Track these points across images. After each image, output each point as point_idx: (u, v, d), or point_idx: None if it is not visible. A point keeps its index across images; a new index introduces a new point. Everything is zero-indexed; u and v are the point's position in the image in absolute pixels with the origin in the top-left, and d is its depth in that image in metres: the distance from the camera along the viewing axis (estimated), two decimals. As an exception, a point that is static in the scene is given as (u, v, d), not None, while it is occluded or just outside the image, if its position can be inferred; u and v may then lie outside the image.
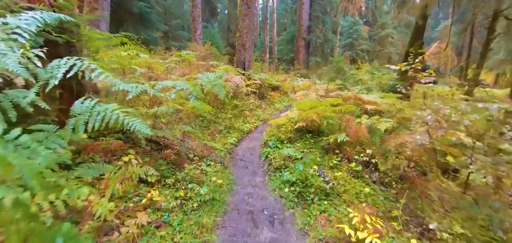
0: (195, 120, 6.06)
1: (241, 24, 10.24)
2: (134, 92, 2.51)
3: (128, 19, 15.35)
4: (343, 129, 4.29)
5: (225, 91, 6.47)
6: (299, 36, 21.43)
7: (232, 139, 5.49)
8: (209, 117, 6.27)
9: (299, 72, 18.26)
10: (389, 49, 27.94)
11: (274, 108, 9.93)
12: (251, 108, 7.97)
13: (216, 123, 6.22)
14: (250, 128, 6.71)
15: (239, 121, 6.82)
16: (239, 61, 10.27)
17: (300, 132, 4.95)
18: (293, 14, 24.88)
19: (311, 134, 4.87)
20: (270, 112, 9.16)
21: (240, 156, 4.87)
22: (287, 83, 13.84)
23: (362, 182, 3.41)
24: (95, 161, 2.67)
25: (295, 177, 3.38)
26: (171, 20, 19.46)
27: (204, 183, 3.27)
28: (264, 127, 7.26)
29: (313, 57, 21.40)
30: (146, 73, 5.23)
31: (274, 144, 4.83)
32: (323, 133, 4.81)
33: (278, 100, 11.06)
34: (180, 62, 8.17)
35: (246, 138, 6.12)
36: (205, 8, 24.46)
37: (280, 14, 33.20)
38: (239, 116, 7.14)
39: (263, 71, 13.15)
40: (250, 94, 9.03)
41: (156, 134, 3.37)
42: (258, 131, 6.86)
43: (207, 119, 6.17)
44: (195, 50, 12.59)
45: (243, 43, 10.21)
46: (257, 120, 7.59)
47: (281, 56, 25.14)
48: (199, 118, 6.27)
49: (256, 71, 11.39)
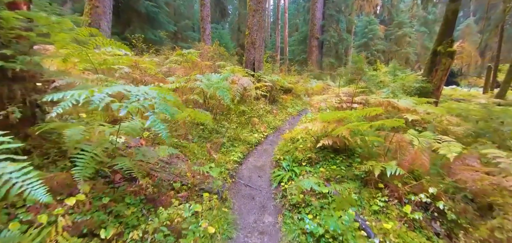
0: (194, 129, 5.01)
1: (250, 21, 9.14)
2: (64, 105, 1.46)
3: (135, 19, 14.59)
4: (391, 154, 3.08)
5: (230, 95, 5.40)
6: (312, 36, 20.10)
7: (236, 155, 4.38)
8: (211, 126, 5.20)
9: (312, 73, 16.96)
10: (407, 49, 26.10)
11: (287, 113, 8.76)
12: (260, 114, 6.84)
13: (219, 133, 5.14)
14: (259, 138, 5.58)
15: (246, 130, 5.71)
16: (248, 61, 9.17)
17: (323, 150, 3.77)
18: (306, 13, 23.55)
19: (338, 154, 3.68)
20: (282, 117, 8.00)
21: (245, 180, 3.75)
22: (300, 85, 12.63)
23: (422, 237, 2.22)
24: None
25: (323, 227, 2.22)
26: (180, 20, 18.64)
27: (187, 234, 2.18)
28: (275, 137, 6.12)
29: (327, 57, 20.01)
30: (132, 74, 4.22)
31: (289, 166, 3.68)
32: (354, 153, 3.62)
33: (290, 104, 9.87)
34: (183, 62, 7.16)
35: (253, 152, 4.99)
36: (215, 9, 23.57)
37: (292, 15, 31.91)
38: (247, 123, 6.03)
39: (275, 72, 11.99)
40: (259, 98, 7.91)
41: (111, 164, 2.29)
42: (268, 142, 5.73)
43: (208, 129, 5.10)
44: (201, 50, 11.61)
45: (253, 41, 9.10)
46: (268, 128, 6.46)
47: (293, 57, 23.86)
48: (200, 127, 5.21)
49: (267, 72, 10.27)
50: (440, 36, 12.21)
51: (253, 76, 8.44)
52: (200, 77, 4.75)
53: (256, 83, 7.62)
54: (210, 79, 5.41)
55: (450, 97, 15.81)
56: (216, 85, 5.07)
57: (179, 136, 4.49)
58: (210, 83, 5.11)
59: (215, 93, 4.98)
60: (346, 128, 3.06)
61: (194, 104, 6.29)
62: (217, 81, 5.26)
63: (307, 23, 22.18)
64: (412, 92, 10.14)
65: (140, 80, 3.83)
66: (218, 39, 16.40)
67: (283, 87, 9.99)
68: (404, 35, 26.15)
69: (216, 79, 5.37)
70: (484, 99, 14.54)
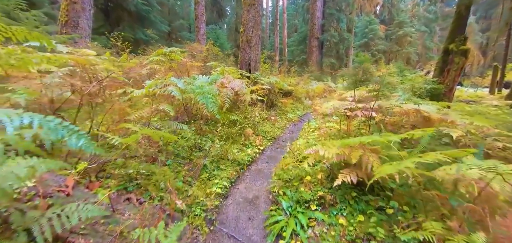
0: (172, 146, 3.84)
1: (245, 16, 7.98)
2: None
3: (125, 18, 13.44)
4: (466, 210, 1.88)
5: (219, 102, 4.24)
6: (312, 36, 18.95)
7: (220, 184, 3.21)
8: (191, 141, 4.03)
9: (312, 74, 15.80)
10: (408, 49, 24.94)
11: (287, 119, 7.60)
12: (256, 122, 5.67)
13: (202, 150, 3.97)
14: (253, 155, 4.42)
15: (237, 145, 4.54)
16: (244, 62, 8.00)
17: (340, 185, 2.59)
18: (305, 12, 22.40)
19: (362, 192, 2.49)
20: (282, 125, 6.84)
21: (229, 226, 2.58)
22: (300, 87, 11.47)
23: None
24: None
25: None
26: (174, 20, 17.49)
27: None
28: (274, 150, 4.96)
29: (327, 58, 18.86)
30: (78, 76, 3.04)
31: (292, 209, 2.51)
32: (384, 187, 2.45)
33: (290, 109, 8.71)
34: (166, 62, 5.99)
35: (245, 175, 3.82)
36: (212, 9, 22.43)
37: (290, 15, 30.75)
38: (238, 135, 4.86)
39: (273, 74, 10.82)
40: (256, 103, 6.75)
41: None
42: (265, 158, 4.56)
43: (188, 146, 3.93)
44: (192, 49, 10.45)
45: (248, 39, 7.94)
46: (264, 139, 5.30)
47: (292, 57, 22.69)
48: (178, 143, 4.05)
49: (264, 74, 9.11)
50: (451, 34, 11.02)
51: (248, 78, 7.27)
52: (175, 81, 3.59)
53: (251, 86, 6.46)
54: (192, 83, 4.25)
55: (458, 98, 14.68)
56: (198, 90, 3.91)
57: (147, 159, 3.33)
58: (191, 88, 3.94)
59: (197, 100, 3.83)
60: (373, 155, 1.90)
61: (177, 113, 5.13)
62: (200, 85, 4.10)
63: (307, 22, 21.03)
64: (422, 94, 8.95)
65: (79, 87, 2.67)
66: (214, 39, 15.24)
67: (282, 90, 8.83)
68: (405, 35, 25.00)
69: (200, 83, 4.21)
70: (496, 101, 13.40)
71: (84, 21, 8.55)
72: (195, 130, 4.70)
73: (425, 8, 27.72)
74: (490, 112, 6.36)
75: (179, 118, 4.95)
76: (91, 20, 8.89)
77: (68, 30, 8.38)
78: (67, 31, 8.34)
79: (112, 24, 13.46)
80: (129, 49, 7.32)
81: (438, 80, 9.55)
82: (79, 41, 8.25)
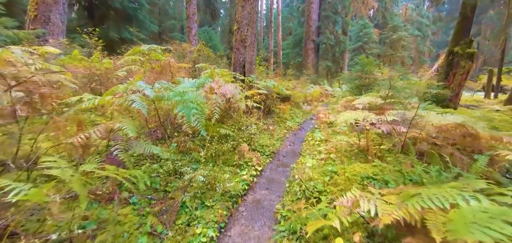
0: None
1: (239, 14, 7.00)
2: None
3: (111, 17, 12.25)
4: None
5: (206, 112, 3.25)
6: (308, 38, 18.11)
7: (202, 237, 2.19)
8: (168, 167, 2.99)
9: (309, 77, 14.93)
10: (402, 53, 24.41)
11: (286, 127, 6.63)
12: (252, 134, 4.67)
13: (182, 176, 2.94)
14: (249, 180, 3.41)
15: (228, 167, 3.53)
16: (237, 63, 7.00)
17: None
18: (300, 15, 21.61)
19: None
20: (281, 134, 5.86)
21: None
22: (298, 91, 10.54)
23: None
24: None
25: None
26: (165, 20, 16.35)
27: None
28: (274, 170, 3.97)
29: (323, 61, 18.06)
30: None
31: None
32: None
33: (289, 115, 7.75)
34: (145, 62, 4.94)
35: (239, 213, 2.80)
36: (205, 10, 21.37)
37: (285, 18, 29.94)
38: (230, 154, 3.85)
39: (269, 77, 9.86)
40: (252, 110, 5.77)
41: None
42: (264, 182, 3.56)
43: (164, 172, 2.89)
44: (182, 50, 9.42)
45: (243, 38, 6.95)
46: (263, 156, 4.31)
47: (288, 60, 21.81)
48: (153, 167, 3.04)
49: (260, 77, 8.14)
50: (456, 36, 10.27)
51: (243, 81, 6.29)
52: (142, 86, 2.56)
53: (246, 91, 5.47)
54: (172, 88, 3.24)
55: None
56: (178, 98, 2.89)
57: (101, 197, 2.30)
58: (168, 95, 2.92)
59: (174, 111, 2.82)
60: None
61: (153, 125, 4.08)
62: (181, 91, 3.08)
63: (302, 25, 20.23)
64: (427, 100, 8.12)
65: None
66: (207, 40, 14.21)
67: (280, 95, 7.87)
68: (399, 38, 24.49)
69: (182, 89, 3.20)
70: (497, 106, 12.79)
71: (56, 16, 7.39)
72: (177, 146, 3.67)
73: (418, 12, 27.39)
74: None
75: (157, 131, 3.91)
76: (65, 16, 7.73)
77: (38, 26, 7.20)
78: (36, 27, 7.17)
79: (96, 23, 12.26)
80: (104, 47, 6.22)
81: (444, 84, 8.79)
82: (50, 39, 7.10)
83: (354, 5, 19.33)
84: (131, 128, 2.17)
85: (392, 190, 1.73)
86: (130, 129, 2.15)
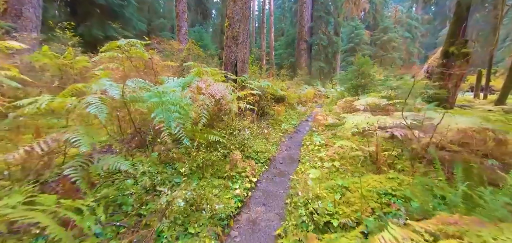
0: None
1: (231, 9, 6.47)
2: None
3: (95, 14, 11.47)
4: None
5: (192, 116, 2.71)
6: (301, 39, 17.74)
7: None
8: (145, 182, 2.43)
9: (302, 78, 14.54)
10: (393, 54, 24.46)
11: (281, 130, 6.13)
12: (245, 139, 4.14)
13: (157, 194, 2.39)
14: (242, 195, 2.88)
15: (218, 180, 3.00)
16: (229, 62, 6.46)
17: None
18: (293, 15, 21.24)
19: None
20: (277, 138, 5.36)
21: None
22: (292, 92, 10.09)
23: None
24: None
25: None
26: (154, 19, 15.60)
27: None
28: (270, 180, 3.46)
29: (316, 61, 17.73)
30: None
31: None
32: None
33: (284, 117, 7.27)
34: (124, 60, 4.33)
35: (231, 239, 2.28)
36: (196, 10, 20.70)
37: (277, 19, 29.55)
38: (221, 163, 3.32)
39: (263, 77, 9.36)
40: (245, 112, 5.25)
41: None
42: (260, 196, 3.04)
43: (139, 190, 2.33)
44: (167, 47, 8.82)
45: (235, 35, 6.42)
46: (258, 164, 3.79)
47: (280, 61, 21.38)
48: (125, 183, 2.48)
49: (253, 77, 7.62)
50: (451, 36, 9.99)
51: (235, 81, 5.76)
52: (106, 85, 2.01)
53: (239, 91, 4.94)
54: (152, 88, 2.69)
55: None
56: (155, 100, 2.34)
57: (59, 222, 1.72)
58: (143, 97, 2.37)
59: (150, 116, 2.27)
60: None
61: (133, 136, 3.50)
62: (162, 91, 2.53)
63: (294, 25, 19.86)
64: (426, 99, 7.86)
65: None
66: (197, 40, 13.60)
67: (274, 95, 7.37)
68: (390, 40, 24.54)
69: (162, 89, 2.65)
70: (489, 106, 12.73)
71: (29, 10, 6.65)
72: (159, 156, 3.11)
73: (407, 14, 27.57)
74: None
75: (136, 139, 3.33)
76: (40, 9, 6.98)
77: (8, 20, 6.45)
78: (7, 21, 6.42)
79: (80, 20, 11.45)
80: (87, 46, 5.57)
81: (439, 85, 8.53)
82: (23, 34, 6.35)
83: (346, 6, 19.11)
84: (85, 140, 1.61)
85: (430, 222, 1.25)
86: (83, 142, 1.58)
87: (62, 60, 4.83)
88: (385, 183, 2.35)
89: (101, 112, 1.75)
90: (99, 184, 2.30)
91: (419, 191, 2.21)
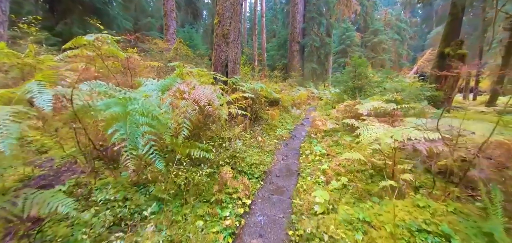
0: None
1: (221, 4, 5.87)
2: None
3: (76, 11, 10.60)
4: None
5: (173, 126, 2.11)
6: (293, 40, 17.31)
7: None
8: (107, 216, 1.81)
9: (295, 79, 14.07)
10: (383, 56, 24.44)
11: (276, 137, 5.58)
12: (236, 151, 3.55)
13: (130, 228, 1.78)
14: (234, 226, 2.30)
15: (203, 206, 2.40)
16: (219, 62, 5.85)
17: None
18: (285, 16, 20.81)
19: None
20: (272, 147, 4.80)
21: None
22: (285, 94, 9.58)
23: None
24: None
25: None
26: (142, 18, 14.77)
27: None
28: (266, 200, 2.89)
29: (309, 63, 17.33)
30: None
31: None
32: None
33: (279, 122, 6.73)
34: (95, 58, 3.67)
35: None
36: (186, 10, 19.94)
37: (269, 21, 29.06)
38: (208, 184, 2.72)
39: (255, 79, 8.80)
40: (237, 118, 4.68)
41: None
42: (256, 224, 2.46)
43: (97, 225, 1.72)
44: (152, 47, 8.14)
45: (225, 33, 5.83)
46: (251, 181, 3.21)
47: (272, 62, 20.88)
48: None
49: (245, 79, 7.04)
50: (446, 37, 9.75)
51: (225, 83, 5.16)
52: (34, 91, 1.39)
53: (229, 95, 4.36)
54: (116, 94, 2.07)
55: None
56: (117, 110, 1.72)
57: None
58: (98, 107, 1.76)
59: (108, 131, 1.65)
60: None
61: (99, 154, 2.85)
62: (130, 98, 1.92)
63: (286, 26, 19.43)
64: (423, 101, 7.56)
65: None
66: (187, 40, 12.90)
67: (268, 98, 6.82)
68: (380, 42, 24.52)
69: (130, 95, 2.03)
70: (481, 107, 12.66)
71: (-7, 3, 5.84)
72: (129, 176, 2.49)
73: (397, 17, 27.72)
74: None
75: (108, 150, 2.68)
76: (7, 3, 6.17)
77: (-33, 14, 5.63)
78: (-35, 16, 5.59)
79: (59, 17, 10.56)
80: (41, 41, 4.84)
81: (436, 87, 8.23)
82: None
83: (338, 8, 18.83)
84: None
85: None
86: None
87: (23, 60, 4.12)
88: (414, 213, 1.83)
89: (12, 131, 1.12)
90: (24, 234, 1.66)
91: (460, 225, 1.70)
